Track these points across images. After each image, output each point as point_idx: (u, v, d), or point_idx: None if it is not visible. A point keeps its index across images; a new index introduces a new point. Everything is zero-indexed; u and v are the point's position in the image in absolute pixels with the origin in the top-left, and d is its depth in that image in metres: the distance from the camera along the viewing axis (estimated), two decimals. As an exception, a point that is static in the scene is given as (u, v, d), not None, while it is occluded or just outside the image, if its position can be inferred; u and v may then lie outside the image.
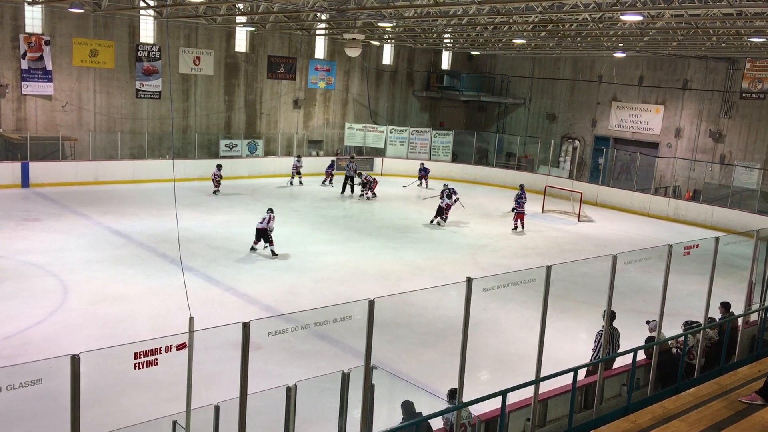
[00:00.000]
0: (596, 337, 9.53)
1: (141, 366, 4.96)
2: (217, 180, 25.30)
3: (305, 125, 33.10)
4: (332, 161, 29.76)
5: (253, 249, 17.74)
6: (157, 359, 5.04)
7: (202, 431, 6.91)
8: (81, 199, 22.89)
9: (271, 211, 17.98)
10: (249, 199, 24.92)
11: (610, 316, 8.84)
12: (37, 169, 24.40)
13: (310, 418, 7.07)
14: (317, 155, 32.93)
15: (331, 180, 28.95)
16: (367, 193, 26.25)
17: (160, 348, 5.06)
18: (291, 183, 28.14)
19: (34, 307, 12.88)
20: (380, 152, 33.70)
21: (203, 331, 5.42)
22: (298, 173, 28.13)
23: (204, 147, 29.39)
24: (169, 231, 15.84)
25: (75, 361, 4.57)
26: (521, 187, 23.20)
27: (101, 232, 18.91)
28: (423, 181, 29.99)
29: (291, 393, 6.41)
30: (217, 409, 6.12)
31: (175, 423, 6.21)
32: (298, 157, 28.81)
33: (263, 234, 17.60)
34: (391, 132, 33.95)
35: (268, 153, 31.04)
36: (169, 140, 27.77)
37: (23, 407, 8.64)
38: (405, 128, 34.27)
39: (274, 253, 17.46)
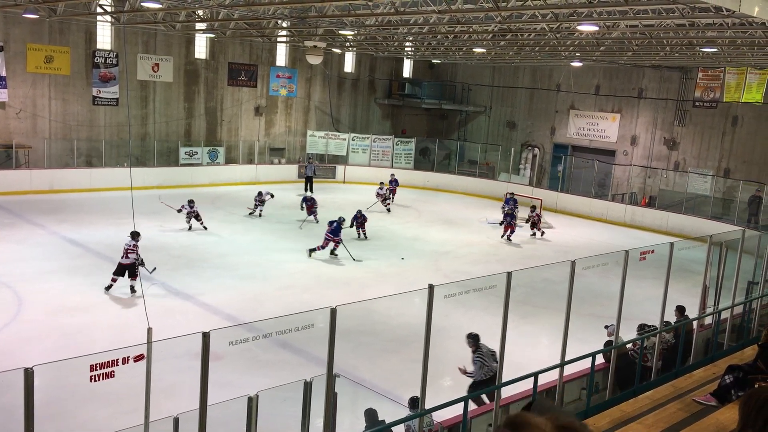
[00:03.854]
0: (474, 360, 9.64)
1: (97, 378, 4.86)
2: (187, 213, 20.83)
3: (267, 132, 32.92)
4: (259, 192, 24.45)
5: (108, 287, 14.43)
6: (114, 371, 4.95)
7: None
8: (36, 208, 22.35)
9: (135, 236, 14.52)
10: (210, 207, 24.63)
11: (475, 339, 9.60)
12: (-11, 177, 23.76)
13: (272, 428, 7.02)
14: (279, 163, 32.77)
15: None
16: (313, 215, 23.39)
17: (117, 360, 4.97)
18: (252, 214, 23.89)
19: (-13, 320, 12.52)
20: (342, 160, 33.70)
21: (162, 342, 5.35)
22: (262, 203, 24.26)
23: (163, 155, 28.99)
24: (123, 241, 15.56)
25: (28, 374, 4.47)
26: (511, 194, 24.76)
27: (57, 241, 18.49)
28: (391, 194, 27.49)
29: (252, 403, 6.35)
30: (176, 421, 6.03)
31: (133, 436, 6.10)
32: (260, 193, 24.11)
33: (128, 268, 14.37)
34: (353, 139, 33.98)
35: (229, 161, 30.76)
36: (126, 148, 27.31)
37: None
38: (367, 136, 34.35)
39: (133, 290, 14.32)
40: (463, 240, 22.31)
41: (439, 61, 36.73)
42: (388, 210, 26.01)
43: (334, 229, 18.58)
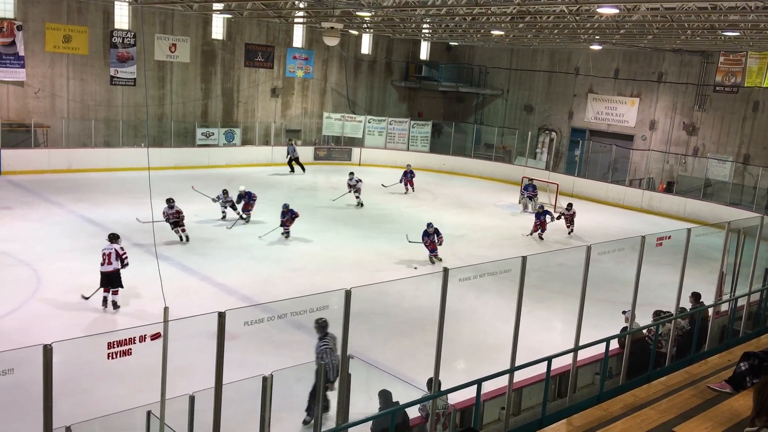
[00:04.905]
0: None
1: (115, 356, 4.93)
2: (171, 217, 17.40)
3: (283, 114, 32.91)
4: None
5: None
6: (131, 349, 5.01)
7: (177, 421, 6.90)
8: (54, 187, 22.56)
9: (114, 238, 12.91)
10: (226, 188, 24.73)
11: (322, 326, 8.67)
12: (9, 156, 23.98)
13: (286, 407, 7.09)
14: (294, 144, 32.80)
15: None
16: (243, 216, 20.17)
17: (134, 338, 5.03)
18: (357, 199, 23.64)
19: (6, 297, 12.70)
20: (358, 142, 33.64)
21: (178, 321, 5.39)
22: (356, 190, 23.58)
23: (180, 135, 29.09)
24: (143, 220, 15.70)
25: (47, 350, 4.53)
26: (530, 180, 24.68)
27: (75, 220, 18.66)
28: (408, 186, 26.53)
29: (267, 383, 6.41)
30: (192, 399, 6.10)
31: (149, 413, 6.19)
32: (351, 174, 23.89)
33: (111, 278, 12.53)
34: (369, 122, 33.89)
35: (245, 142, 30.81)
36: (144, 128, 27.44)
37: (-5, 398, 8.54)
38: (383, 118, 34.24)
39: (116, 305, 12.51)
40: (478, 224, 22.26)
41: (456, 44, 36.45)
42: (360, 205, 23.56)
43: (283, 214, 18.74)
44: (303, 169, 29.24)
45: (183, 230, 17.32)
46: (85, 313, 12.25)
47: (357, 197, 23.69)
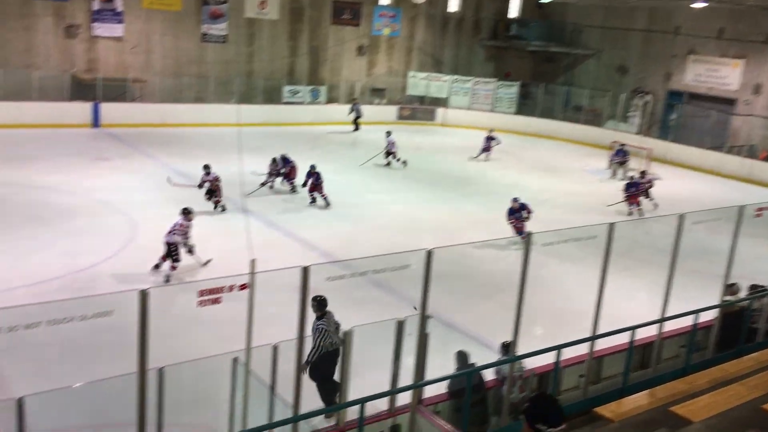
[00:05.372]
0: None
1: (205, 303, 5.14)
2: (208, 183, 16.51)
3: (369, 73, 32.86)
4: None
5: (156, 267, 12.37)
6: (220, 298, 5.21)
7: (261, 369, 7.16)
8: (148, 140, 23.49)
9: (186, 213, 12.63)
10: (310, 146, 25.10)
11: (320, 304, 8.05)
12: (107, 109, 25.08)
13: (364, 362, 7.22)
14: (379, 104, 32.76)
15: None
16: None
17: (223, 287, 5.22)
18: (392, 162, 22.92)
19: (104, 244, 13.42)
20: (442, 102, 33.27)
21: (264, 273, 5.55)
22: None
23: (267, 92, 29.58)
24: (232, 175, 16.14)
25: (144, 295, 4.76)
26: (621, 145, 23.34)
27: (167, 173, 19.41)
28: (487, 152, 25.20)
29: (347, 337, 6.55)
30: (275, 348, 6.31)
31: (235, 360, 6.44)
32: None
33: (169, 249, 12.29)
34: (454, 82, 33.41)
35: (330, 100, 31.02)
36: (233, 85, 28.04)
37: (94, 338, 9.09)
38: (469, 78, 33.66)
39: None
40: (564, 188, 21.73)
41: (548, 0, 35.18)
42: (404, 164, 22.73)
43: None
44: (357, 128, 28.74)
45: (218, 201, 16.23)
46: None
47: (397, 159, 22.87)
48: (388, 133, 23.33)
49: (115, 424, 7.22)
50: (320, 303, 8.01)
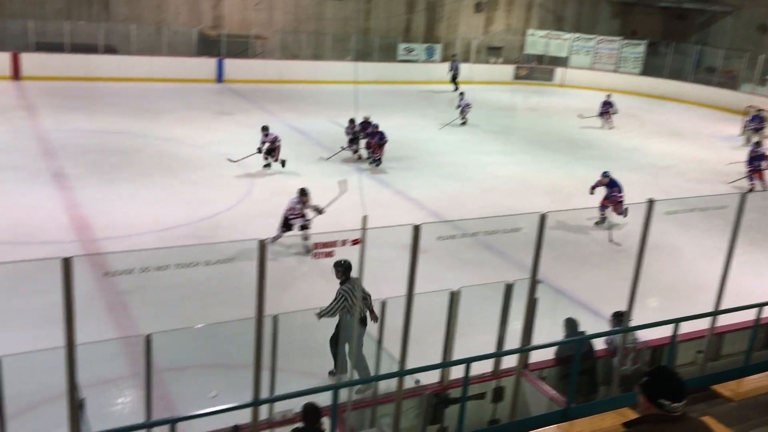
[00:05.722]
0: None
1: (318, 256, 5.29)
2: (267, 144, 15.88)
3: (486, 30, 32.13)
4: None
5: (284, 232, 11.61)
6: (333, 251, 5.36)
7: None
8: (267, 96, 24.20)
9: (302, 193, 11.71)
10: (424, 104, 25.00)
11: (344, 268, 7.59)
12: (230, 66, 26.02)
13: (471, 323, 7.23)
14: (495, 63, 32.03)
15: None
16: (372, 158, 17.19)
17: (336, 241, 5.36)
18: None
19: (224, 195, 14.07)
20: (562, 62, 32.07)
21: (375, 230, 5.63)
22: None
23: (383, 50, 29.60)
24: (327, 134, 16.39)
25: (263, 245, 4.95)
26: (758, 111, 21.20)
27: (284, 128, 19.95)
28: (606, 118, 23.33)
29: (455, 297, 6.56)
30: (383, 303, 6.42)
31: (344, 312, 6.62)
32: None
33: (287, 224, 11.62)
34: (576, 40, 32.07)
35: (445, 59, 30.64)
36: (350, 42, 28.25)
37: (215, 283, 9.63)
38: (592, 36, 32.19)
39: (308, 250, 10.96)
40: (689, 155, 20.54)
41: (683, -47, 32.85)
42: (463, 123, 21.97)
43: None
44: (456, 87, 27.84)
45: (276, 159, 15.68)
46: (290, 215, 13.20)
47: (463, 119, 22.12)
48: (462, 94, 22.68)
49: (231, 364, 7.66)
50: (345, 268, 7.60)
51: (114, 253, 10.01)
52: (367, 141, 17.10)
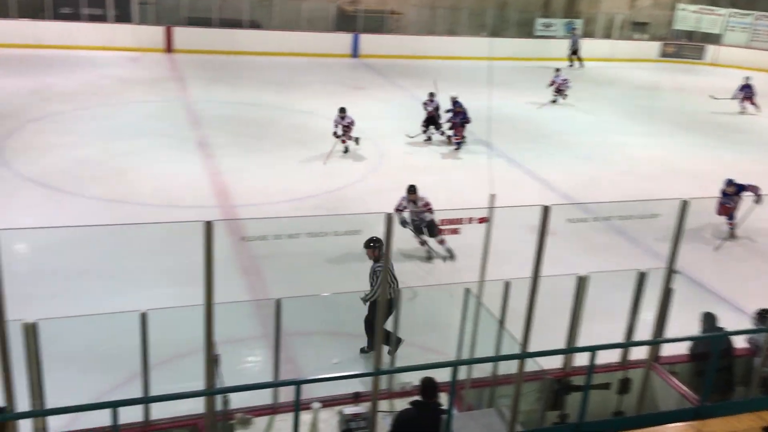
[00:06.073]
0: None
1: (444, 233, 5.28)
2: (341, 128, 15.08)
3: (631, 4, 30.45)
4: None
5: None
6: (459, 229, 5.32)
7: (491, 302, 7.25)
8: (401, 71, 24.34)
9: (410, 191, 10.44)
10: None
11: (377, 245, 7.07)
12: (366, 41, 26.37)
13: (599, 310, 6.97)
14: (639, 39, 30.35)
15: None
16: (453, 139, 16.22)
17: (462, 219, 5.31)
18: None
19: (353, 168, 14.36)
20: (714, 39, 29.85)
21: (502, 210, 5.54)
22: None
23: (520, 25, 28.84)
24: (476, 110, 16.17)
25: (389, 218, 5.01)
26: None
27: (415, 104, 20.00)
28: (745, 104, 21.37)
29: (582, 282, 6.34)
30: (507, 284, 6.32)
31: (467, 290, 6.59)
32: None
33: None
34: (731, 16, 29.70)
35: (585, 34, 29.38)
36: (486, 16, 27.74)
37: (341, 251, 9.89)
38: (749, 12, 29.67)
39: (449, 255, 10.24)
40: None
41: None
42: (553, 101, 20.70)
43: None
44: (571, 64, 26.78)
45: (345, 141, 14.99)
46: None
47: (555, 97, 20.78)
48: (557, 70, 21.48)
49: (353, 333, 7.85)
50: (379, 246, 7.32)
51: (251, 219, 10.52)
52: (451, 121, 16.03)
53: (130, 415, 5.24)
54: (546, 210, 5.40)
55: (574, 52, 27.31)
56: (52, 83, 19.08)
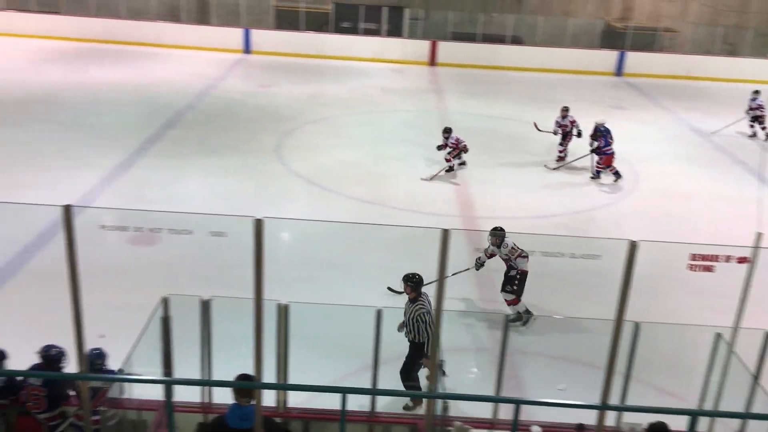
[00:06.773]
0: None
1: (695, 268, 4.83)
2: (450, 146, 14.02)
3: None
4: None
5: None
6: (713, 266, 4.84)
7: (746, 352, 6.48)
8: (668, 92, 22.77)
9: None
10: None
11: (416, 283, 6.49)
12: (632, 58, 25.09)
13: None
14: None
15: None
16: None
17: (719, 256, 4.82)
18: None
19: (605, 190, 13.74)
20: None
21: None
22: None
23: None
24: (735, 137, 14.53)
25: (633, 246, 4.70)
26: None
27: (681, 128, 18.60)
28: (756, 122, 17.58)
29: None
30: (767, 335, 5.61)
31: (718, 335, 5.97)
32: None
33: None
34: None
35: None
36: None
37: (579, 275, 9.51)
38: None
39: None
40: None
41: None
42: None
43: None
44: None
45: (449, 160, 13.96)
46: (671, 219, 12.31)
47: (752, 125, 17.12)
48: (756, 92, 17.81)
49: (582, 361, 7.51)
50: (417, 283, 6.62)
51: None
52: (596, 146, 14.16)
53: (359, 403, 5.57)
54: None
55: None
56: (328, 90, 20.98)
